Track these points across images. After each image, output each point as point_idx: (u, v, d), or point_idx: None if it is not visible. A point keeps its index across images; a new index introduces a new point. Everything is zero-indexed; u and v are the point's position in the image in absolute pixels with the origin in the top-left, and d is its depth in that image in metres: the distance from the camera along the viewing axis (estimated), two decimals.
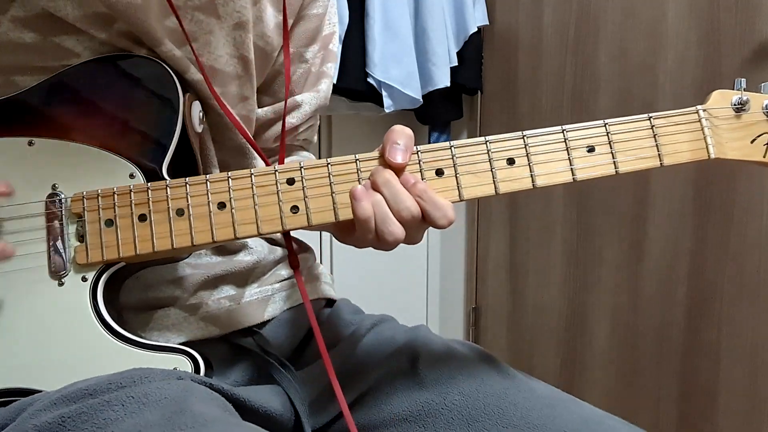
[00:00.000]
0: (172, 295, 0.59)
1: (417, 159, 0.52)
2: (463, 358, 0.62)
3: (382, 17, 1.60)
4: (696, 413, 1.53)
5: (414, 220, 0.50)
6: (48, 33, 0.53)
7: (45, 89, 0.54)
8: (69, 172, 0.52)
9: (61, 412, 0.44)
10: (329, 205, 0.52)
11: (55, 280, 0.51)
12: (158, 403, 0.44)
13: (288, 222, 0.52)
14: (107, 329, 0.51)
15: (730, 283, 1.46)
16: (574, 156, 0.53)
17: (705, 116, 0.56)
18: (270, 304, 0.65)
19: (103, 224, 0.51)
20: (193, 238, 0.51)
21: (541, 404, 0.56)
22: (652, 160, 0.54)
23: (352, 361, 0.63)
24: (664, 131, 0.55)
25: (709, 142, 0.56)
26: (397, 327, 0.68)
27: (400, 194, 0.50)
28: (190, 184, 0.52)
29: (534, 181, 0.53)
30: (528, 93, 1.87)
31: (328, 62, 0.74)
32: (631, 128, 0.54)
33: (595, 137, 0.54)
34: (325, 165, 0.52)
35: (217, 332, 0.60)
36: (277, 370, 0.60)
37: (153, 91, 0.54)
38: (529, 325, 1.90)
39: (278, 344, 0.64)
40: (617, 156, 0.54)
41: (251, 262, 0.64)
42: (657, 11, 1.55)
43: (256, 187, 0.52)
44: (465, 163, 0.53)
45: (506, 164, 0.53)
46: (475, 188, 0.53)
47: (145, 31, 0.54)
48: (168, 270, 0.59)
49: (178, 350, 0.52)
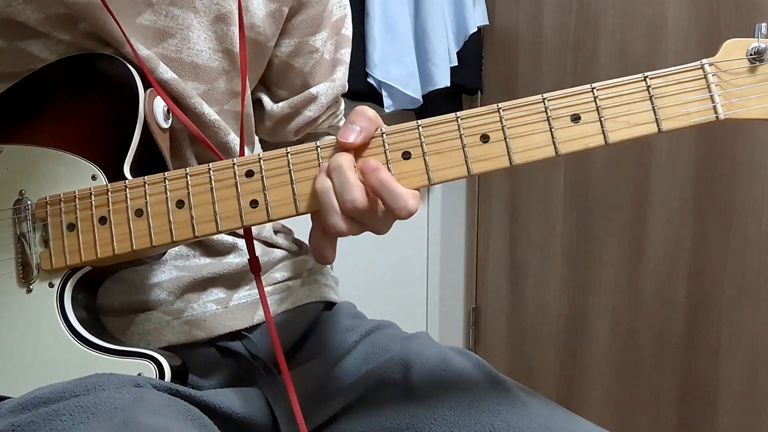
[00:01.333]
0: (157, 299, 0.58)
1: (381, 141, 0.48)
2: (458, 371, 0.60)
3: (382, 17, 1.60)
4: (696, 413, 1.53)
5: (359, 213, 0.46)
6: (14, 38, 0.53)
7: (9, 96, 0.54)
8: (35, 177, 0.52)
9: (12, 421, 0.44)
10: (289, 197, 0.49)
11: (23, 287, 0.51)
12: (106, 413, 0.44)
13: (247, 218, 0.49)
14: (74, 335, 0.50)
15: (730, 283, 1.45)
16: (556, 126, 0.47)
17: (712, 71, 0.47)
18: (260, 308, 0.63)
19: (66, 228, 0.51)
20: (152, 240, 0.50)
21: (536, 423, 0.53)
22: (649, 125, 0.47)
23: (343, 369, 0.62)
24: (662, 91, 0.47)
25: (717, 101, 0.47)
26: (394, 334, 0.65)
27: (349, 183, 0.46)
28: (148, 183, 0.50)
29: (511, 159, 0.47)
30: (528, 93, 1.84)
31: (342, 48, 0.72)
32: (622, 90, 0.47)
33: (581, 104, 0.47)
34: (284, 155, 0.49)
35: (203, 336, 0.59)
36: (261, 375, 0.59)
37: (112, 89, 0.53)
38: (529, 325, 1.90)
39: (267, 348, 0.62)
40: (606, 124, 0.47)
41: (242, 263, 0.62)
42: (657, 11, 1.55)
43: (215, 181, 0.50)
44: (433, 142, 0.48)
45: (479, 141, 0.48)
46: (445, 171, 0.48)
47: (107, 31, 0.53)
48: (153, 272, 0.58)
49: (144, 355, 0.51)
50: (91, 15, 0.52)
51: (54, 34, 0.53)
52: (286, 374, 0.53)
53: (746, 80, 0.47)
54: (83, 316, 0.52)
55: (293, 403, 0.52)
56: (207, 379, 0.60)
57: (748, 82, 0.47)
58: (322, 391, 0.60)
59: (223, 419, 0.53)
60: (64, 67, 0.54)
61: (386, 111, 1.64)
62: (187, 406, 0.49)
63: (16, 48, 0.53)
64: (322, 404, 0.59)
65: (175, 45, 0.57)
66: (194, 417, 0.48)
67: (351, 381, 0.61)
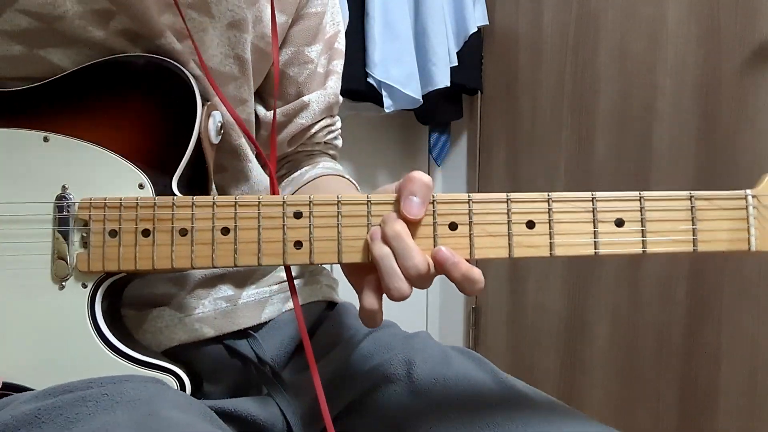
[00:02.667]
0: (169, 293, 0.59)
1: (432, 209, 0.49)
2: (460, 368, 0.61)
3: (382, 17, 1.60)
4: (696, 413, 1.53)
5: (421, 277, 0.48)
6: (34, 45, 0.53)
7: (64, 82, 0.53)
8: (80, 173, 0.52)
9: (38, 405, 0.45)
10: (334, 247, 0.50)
11: (56, 283, 0.51)
12: (130, 404, 0.45)
13: (290, 257, 0.50)
14: (100, 338, 0.51)
15: (730, 284, 1.45)
16: (600, 229, 0.49)
17: (753, 203, 0.49)
18: (267, 306, 0.64)
19: (107, 235, 0.51)
20: (193, 261, 0.50)
21: (538, 418, 0.55)
22: (686, 244, 0.49)
23: (347, 366, 0.62)
24: (704, 215, 0.49)
25: (753, 233, 0.49)
26: (396, 333, 0.67)
27: (411, 250, 0.47)
28: (196, 205, 0.50)
29: (552, 251, 0.49)
30: (528, 93, 1.87)
31: (335, 59, 0.74)
32: (667, 206, 0.49)
33: (627, 211, 0.49)
34: (335, 203, 0.50)
35: (212, 333, 0.60)
36: (269, 381, 0.59)
37: (172, 99, 0.53)
38: (529, 325, 1.90)
39: (272, 348, 0.63)
40: (647, 235, 0.49)
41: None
42: (657, 11, 1.55)
43: (263, 218, 0.50)
44: (482, 222, 0.49)
45: (525, 228, 0.49)
46: (488, 250, 0.49)
47: (146, 23, 0.53)
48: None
49: (165, 369, 0.52)
50: (131, 5, 0.52)
51: (89, 28, 0.53)
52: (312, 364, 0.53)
53: None
54: (110, 320, 0.52)
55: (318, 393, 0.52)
56: (216, 384, 0.61)
57: None
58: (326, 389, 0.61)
59: (237, 422, 0.54)
60: (124, 65, 0.53)
61: (386, 111, 1.64)
62: (205, 408, 0.50)
63: (35, 56, 0.53)
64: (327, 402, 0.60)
65: (189, 47, 0.58)
66: (213, 419, 0.49)
67: (354, 378, 0.61)
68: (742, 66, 1.41)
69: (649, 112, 1.57)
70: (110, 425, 0.42)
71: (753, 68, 1.39)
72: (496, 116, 1.97)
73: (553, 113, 1.80)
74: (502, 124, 1.95)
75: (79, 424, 0.43)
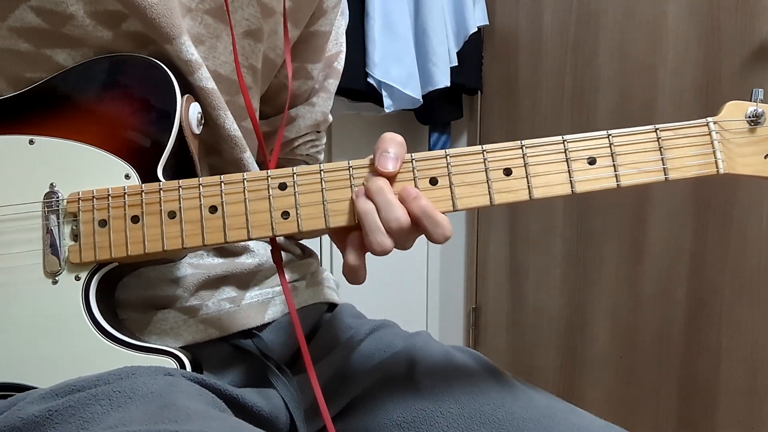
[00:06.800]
0: (173, 295, 0.59)
1: (411, 167, 0.52)
2: (461, 366, 0.61)
3: (382, 17, 1.60)
4: (696, 413, 1.53)
5: (403, 231, 0.50)
6: (41, 44, 0.53)
7: (47, 88, 0.54)
8: (67, 171, 0.53)
9: (49, 405, 0.45)
10: (320, 212, 0.52)
11: (49, 278, 0.52)
12: (144, 398, 0.45)
13: (278, 228, 0.52)
14: (97, 328, 0.51)
15: (730, 283, 1.46)
16: (574, 168, 0.52)
17: (715, 129, 0.53)
18: (270, 307, 0.65)
19: (97, 225, 0.52)
20: (184, 241, 0.51)
21: (539, 414, 0.56)
22: (657, 173, 0.52)
23: (348, 366, 0.63)
24: (671, 144, 0.52)
25: (719, 157, 0.52)
26: (396, 333, 0.67)
27: (392, 204, 0.50)
28: (182, 188, 0.52)
29: (531, 193, 0.51)
30: (528, 93, 1.87)
31: (330, 78, 0.74)
32: (635, 140, 0.52)
33: (597, 148, 0.52)
34: (317, 171, 0.52)
35: (217, 334, 0.60)
36: (275, 374, 0.60)
37: (151, 91, 0.54)
38: (529, 325, 1.90)
39: (278, 347, 0.64)
40: (619, 169, 0.52)
41: (253, 264, 0.64)
42: (657, 11, 1.55)
43: (248, 191, 0.52)
44: (460, 173, 0.52)
45: (503, 175, 0.52)
46: (469, 199, 0.52)
47: (158, 27, 0.53)
48: (169, 269, 0.59)
49: (165, 352, 0.52)
50: (142, 12, 0.53)
51: (99, 29, 0.53)
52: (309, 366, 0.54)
53: (745, 140, 0.53)
54: (105, 311, 0.53)
55: (317, 394, 0.53)
56: (222, 378, 0.61)
57: (746, 141, 0.53)
58: (328, 388, 0.61)
59: (243, 412, 0.54)
60: (103, 65, 0.55)
61: (386, 111, 1.64)
62: (215, 398, 0.50)
63: (42, 55, 0.54)
64: (329, 401, 0.61)
65: (203, 53, 0.58)
66: (222, 409, 0.49)
67: (356, 377, 0.62)
68: (742, 66, 1.41)
69: (649, 111, 1.57)
70: (127, 421, 0.42)
71: (753, 68, 1.39)
72: (496, 116, 1.97)
73: (553, 113, 1.80)
74: (502, 124, 1.95)
75: (95, 422, 0.43)
